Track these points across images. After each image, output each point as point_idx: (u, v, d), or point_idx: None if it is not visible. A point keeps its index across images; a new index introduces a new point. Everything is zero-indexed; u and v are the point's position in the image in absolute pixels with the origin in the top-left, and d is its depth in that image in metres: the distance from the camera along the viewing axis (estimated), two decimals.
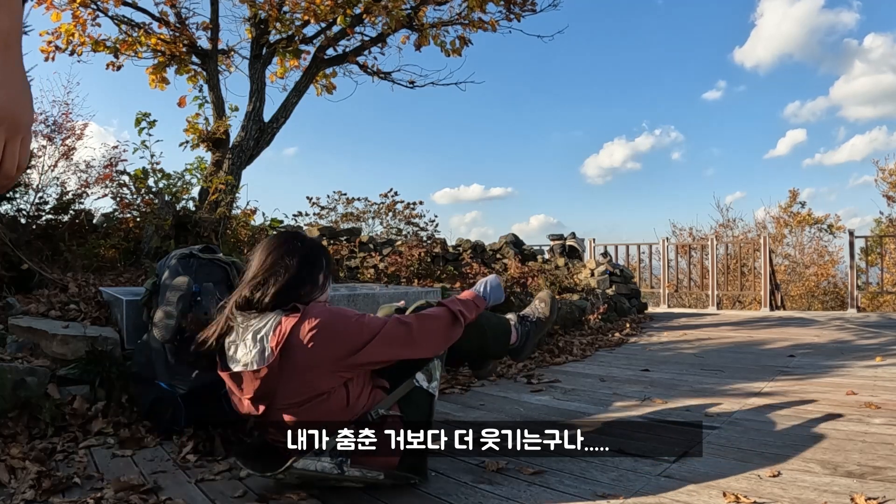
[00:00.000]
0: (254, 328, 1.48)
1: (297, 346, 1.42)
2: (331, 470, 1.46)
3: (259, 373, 1.43)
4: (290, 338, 1.42)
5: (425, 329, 1.57)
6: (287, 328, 1.43)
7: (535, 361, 3.58)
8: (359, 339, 1.47)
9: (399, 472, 1.55)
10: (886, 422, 2.10)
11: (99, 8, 4.79)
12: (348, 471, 1.47)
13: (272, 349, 1.43)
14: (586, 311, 5.23)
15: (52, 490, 1.50)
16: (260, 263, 1.53)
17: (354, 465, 1.48)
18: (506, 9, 5.30)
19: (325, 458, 1.46)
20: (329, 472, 1.46)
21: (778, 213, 14.11)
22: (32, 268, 2.89)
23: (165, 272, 2.25)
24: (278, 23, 4.93)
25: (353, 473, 1.48)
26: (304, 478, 1.50)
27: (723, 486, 1.53)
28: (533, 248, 7.75)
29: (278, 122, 5.16)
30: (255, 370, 1.44)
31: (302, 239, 1.61)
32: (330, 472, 1.46)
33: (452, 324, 1.63)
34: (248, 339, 1.48)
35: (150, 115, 3.91)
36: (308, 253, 1.57)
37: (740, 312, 7.89)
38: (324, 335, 1.43)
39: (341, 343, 1.46)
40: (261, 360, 1.46)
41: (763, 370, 3.22)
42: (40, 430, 1.90)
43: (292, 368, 1.43)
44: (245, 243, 4.01)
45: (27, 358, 2.10)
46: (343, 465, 1.47)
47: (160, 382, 2.01)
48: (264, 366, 1.43)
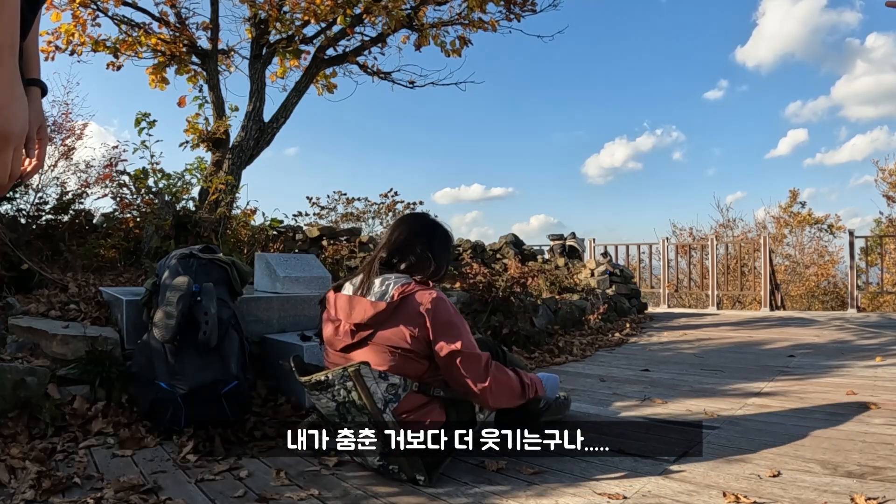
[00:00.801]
0: (384, 279, 1.69)
1: (413, 304, 1.61)
2: (378, 400, 1.56)
3: (376, 305, 1.63)
4: (411, 296, 1.62)
5: (501, 380, 1.68)
6: (413, 288, 1.65)
7: (535, 361, 3.58)
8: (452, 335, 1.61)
9: (416, 457, 1.57)
10: (886, 422, 2.10)
11: (99, 8, 4.79)
12: (387, 413, 1.57)
13: (394, 294, 1.63)
14: (586, 311, 5.23)
15: (52, 490, 1.50)
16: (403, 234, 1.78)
17: (396, 415, 1.58)
18: (506, 9, 5.30)
19: (382, 386, 1.57)
20: (376, 400, 1.56)
21: (778, 213, 14.11)
22: (32, 268, 2.89)
23: (165, 272, 2.25)
24: (278, 23, 4.93)
25: (388, 418, 1.57)
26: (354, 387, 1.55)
27: (723, 486, 1.53)
28: (533, 248, 7.75)
29: (278, 122, 5.16)
30: (374, 301, 1.64)
31: (433, 219, 1.88)
32: (377, 401, 1.56)
33: (521, 393, 1.76)
34: (376, 281, 1.69)
35: (149, 115, 3.92)
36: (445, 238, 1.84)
37: (740, 312, 7.89)
38: (437, 308, 1.61)
39: (440, 326, 1.60)
40: (381, 298, 1.65)
41: (763, 370, 3.22)
42: (40, 430, 1.90)
43: (404, 315, 1.61)
44: (245, 243, 4.01)
45: (27, 358, 2.10)
46: (388, 405, 1.58)
47: (160, 382, 2.01)
48: (383, 301, 1.63)
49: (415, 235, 1.78)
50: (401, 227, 1.83)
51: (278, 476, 1.64)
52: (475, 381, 1.62)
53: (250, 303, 2.52)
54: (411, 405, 1.61)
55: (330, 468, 1.71)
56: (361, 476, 1.66)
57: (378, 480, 1.62)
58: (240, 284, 2.39)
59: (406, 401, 1.60)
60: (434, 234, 1.82)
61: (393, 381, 1.59)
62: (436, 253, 1.77)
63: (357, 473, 1.68)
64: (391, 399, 1.58)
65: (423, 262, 1.74)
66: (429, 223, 1.86)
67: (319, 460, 1.77)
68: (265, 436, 2.01)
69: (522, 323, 4.06)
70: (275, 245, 4.49)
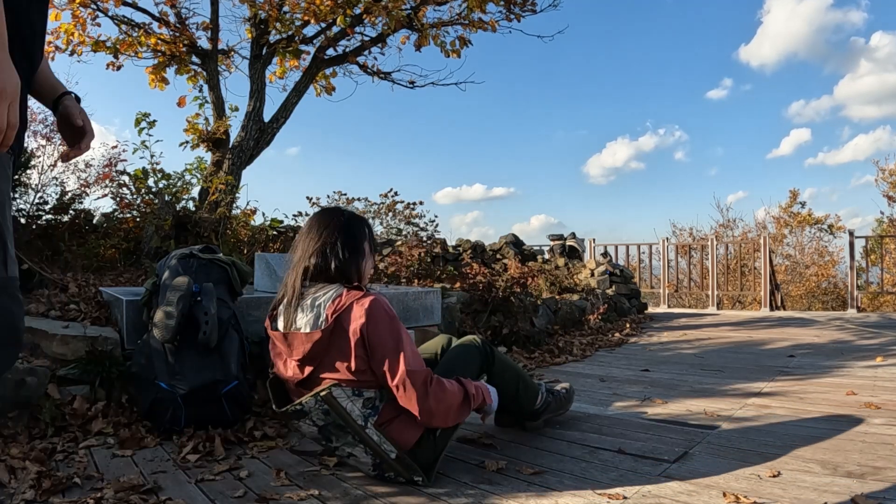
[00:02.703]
0: (313, 295, 1.57)
1: (351, 320, 1.50)
2: (357, 417, 1.51)
3: (311, 336, 1.52)
4: (345, 311, 1.51)
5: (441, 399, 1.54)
6: (347, 302, 1.52)
7: (535, 362, 3.58)
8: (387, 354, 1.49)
9: (409, 461, 1.56)
10: (886, 422, 2.10)
11: (99, 8, 4.79)
12: (370, 428, 1.52)
13: (328, 316, 1.52)
14: (586, 312, 5.22)
15: (52, 490, 1.50)
16: (313, 239, 1.63)
17: (378, 427, 1.52)
18: (506, 9, 5.30)
19: (358, 403, 1.52)
20: (355, 417, 1.51)
21: (778, 214, 14.12)
22: (32, 268, 2.89)
23: (165, 272, 2.25)
24: (278, 23, 4.93)
25: (371, 434, 1.52)
26: (330, 411, 1.52)
27: (723, 486, 1.53)
28: (533, 248, 7.76)
29: (278, 122, 5.16)
30: (308, 332, 1.53)
31: (342, 212, 1.71)
32: (356, 418, 1.51)
33: (460, 408, 1.61)
34: (306, 305, 1.57)
35: (149, 116, 3.92)
36: (351, 223, 1.67)
37: (740, 313, 7.88)
38: (371, 322, 1.49)
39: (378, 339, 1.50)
40: (315, 324, 1.54)
41: (763, 370, 3.23)
42: (40, 430, 1.90)
43: (342, 339, 1.51)
44: (245, 243, 4.01)
45: (27, 358, 2.10)
46: (369, 419, 1.52)
47: (160, 382, 2.01)
48: (317, 330, 1.51)
49: (329, 235, 1.62)
50: (311, 230, 1.65)
51: (278, 476, 1.64)
52: (415, 403, 1.50)
53: (250, 303, 2.52)
54: (392, 414, 1.55)
55: (330, 468, 1.71)
56: (361, 476, 1.66)
57: (378, 481, 1.62)
58: (240, 284, 2.39)
59: (385, 410, 1.54)
60: (348, 227, 1.65)
61: (368, 396, 1.54)
62: (352, 250, 1.63)
63: (357, 473, 1.68)
64: (370, 413, 1.53)
65: (348, 264, 1.61)
66: (338, 217, 1.68)
67: (319, 460, 1.77)
68: (265, 436, 2.01)
69: (522, 323, 4.06)
70: (275, 245, 4.49)
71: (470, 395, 1.63)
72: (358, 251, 1.65)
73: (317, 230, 1.64)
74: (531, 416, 2.05)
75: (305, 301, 1.57)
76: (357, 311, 1.50)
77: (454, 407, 1.58)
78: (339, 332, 1.51)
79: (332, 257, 1.60)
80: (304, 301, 1.58)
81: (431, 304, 3.39)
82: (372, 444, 1.54)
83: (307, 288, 1.60)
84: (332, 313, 1.51)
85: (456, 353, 1.85)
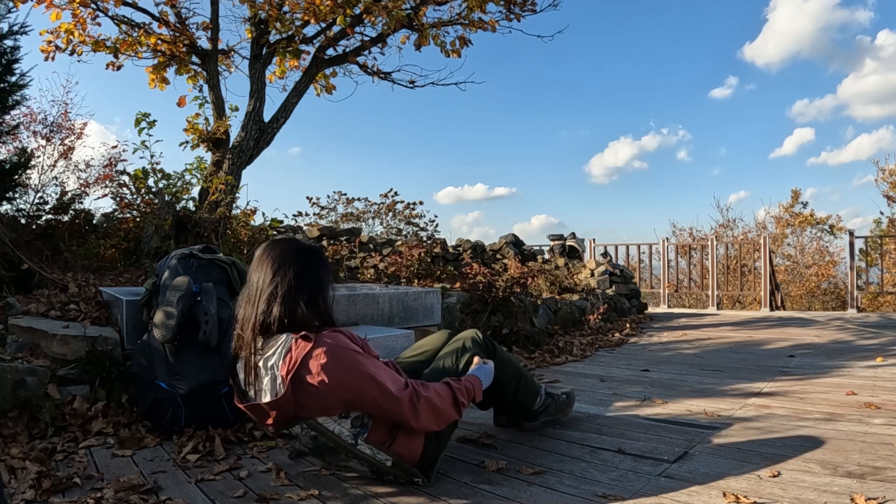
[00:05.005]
0: (265, 355, 1.46)
1: (308, 376, 1.41)
2: (346, 437, 1.49)
3: (272, 404, 1.44)
4: (300, 367, 1.41)
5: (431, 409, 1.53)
6: (298, 357, 1.40)
7: (535, 362, 3.58)
8: (365, 384, 1.44)
9: (407, 466, 1.55)
10: (886, 422, 2.10)
11: (99, 8, 4.78)
12: (361, 444, 1.50)
13: (283, 378, 1.42)
14: (586, 312, 5.22)
15: (52, 490, 1.50)
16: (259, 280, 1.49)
17: (369, 442, 1.50)
18: (506, 9, 5.30)
19: (346, 424, 1.49)
20: (344, 438, 1.49)
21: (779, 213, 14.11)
22: (32, 268, 2.89)
23: (165, 272, 2.25)
24: (278, 23, 4.92)
25: (363, 450, 1.50)
26: (319, 437, 1.51)
27: (723, 486, 1.53)
28: (533, 248, 7.75)
29: (278, 122, 5.15)
30: (268, 402, 1.44)
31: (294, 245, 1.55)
32: (345, 439, 1.49)
33: (451, 411, 1.58)
34: (260, 367, 1.47)
35: (149, 116, 3.91)
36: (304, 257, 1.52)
37: (740, 313, 7.88)
38: (332, 374, 1.40)
39: (349, 381, 1.43)
40: (273, 389, 1.45)
41: (763, 370, 3.22)
42: (40, 430, 1.90)
43: (306, 396, 1.43)
44: (245, 243, 4.01)
45: (27, 358, 2.10)
46: (359, 437, 1.50)
47: (160, 382, 2.01)
48: (276, 397, 1.43)
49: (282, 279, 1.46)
50: (257, 273, 1.49)
51: (278, 476, 1.64)
52: (408, 420, 1.49)
53: None
54: (385, 430, 1.52)
55: (330, 468, 1.71)
56: (361, 476, 1.66)
57: (378, 481, 1.62)
58: (240, 284, 2.38)
59: (375, 427, 1.51)
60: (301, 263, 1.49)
61: (355, 416, 1.49)
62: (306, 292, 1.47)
63: (357, 474, 1.67)
64: (360, 431, 1.49)
65: (302, 311, 1.46)
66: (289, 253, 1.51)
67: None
68: (265, 436, 2.01)
69: (522, 323, 4.06)
70: None
71: (458, 398, 1.59)
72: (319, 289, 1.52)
73: (264, 272, 1.49)
74: (529, 416, 2.05)
75: (259, 360, 1.46)
76: (313, 365, 1.40)
77: (445, 412, 1.56)
78: (302, 387, 1.42)
79: (290, 306, 1.45)
80: (259, 359, 1.46)
81: (431, 304, 3.39)
82: (366, 458, 1.52)
83: (264, 343, 1.47)
84: (287, 374, 1.40)
85: (449, 350, 1.85)
